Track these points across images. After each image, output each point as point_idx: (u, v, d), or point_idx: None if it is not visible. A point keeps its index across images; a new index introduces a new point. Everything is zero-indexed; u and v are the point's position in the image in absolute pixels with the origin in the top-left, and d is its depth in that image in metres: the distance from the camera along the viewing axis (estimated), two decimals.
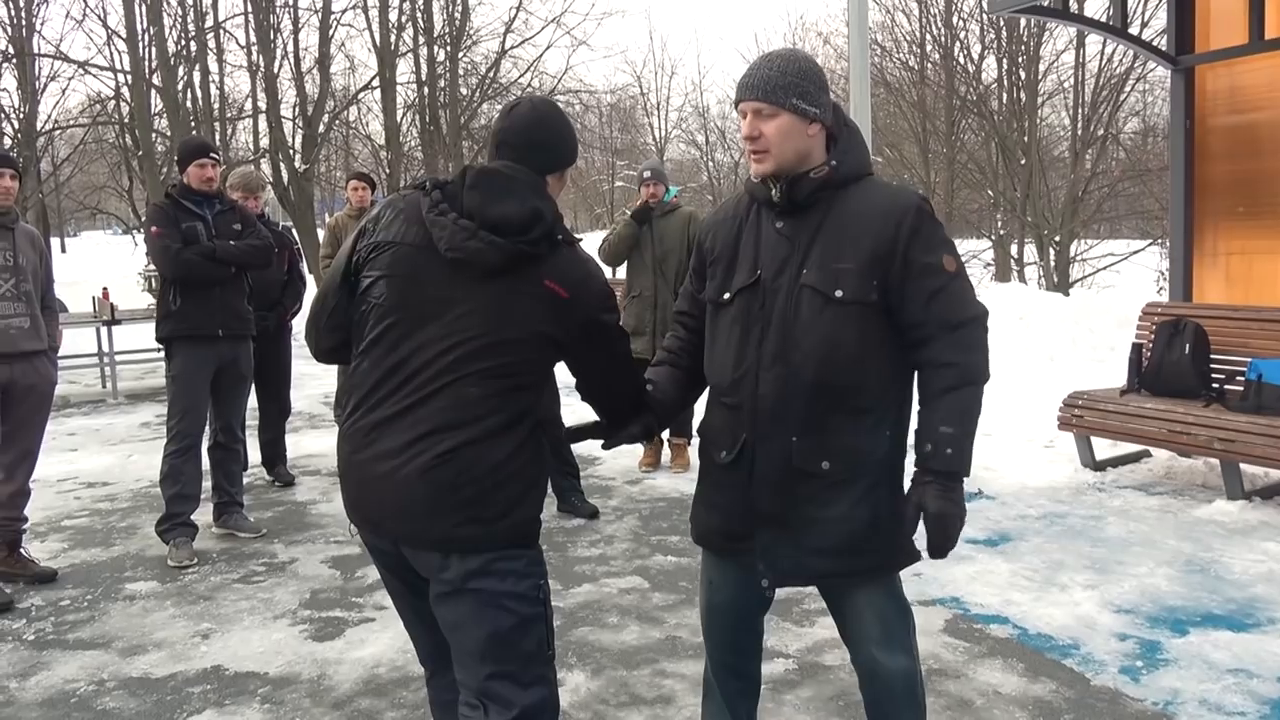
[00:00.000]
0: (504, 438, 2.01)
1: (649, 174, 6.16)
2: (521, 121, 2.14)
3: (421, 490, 1.97)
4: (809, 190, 2.15)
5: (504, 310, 2.01)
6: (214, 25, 20.44)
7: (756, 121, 2.14)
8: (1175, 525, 4.79)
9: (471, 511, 1.98)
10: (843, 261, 2.10)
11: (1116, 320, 9.84)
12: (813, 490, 2.14)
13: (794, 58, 2.19)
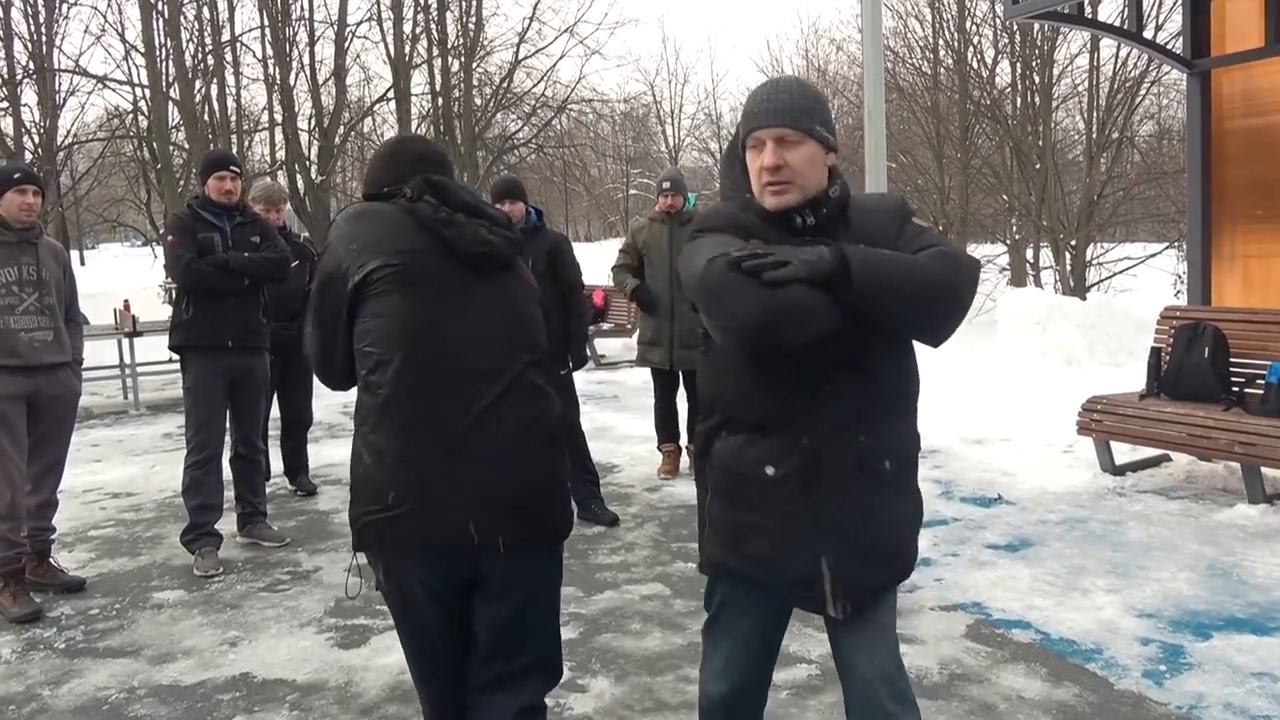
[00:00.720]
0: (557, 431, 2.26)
1: (668, 184, 6.18)
2: (428, 144, 2.47)
3: (544, 481, 2.22)
4: (832, 209, 2.04)
5: (515, 299, 2.27)
6: (231, 39, 20.62)
7: (781, 150, 1.98)
8: (1196, 529, 4.78)
9: (556, 507, 2.29)
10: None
11: (1134, 324, 9.80)
12: (875, 491, 2.02)
13: (808, 84, 2.12)
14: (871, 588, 2.05)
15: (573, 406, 5.37)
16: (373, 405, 2.13)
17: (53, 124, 19.67)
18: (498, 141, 22.61)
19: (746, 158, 2.07)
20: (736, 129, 2.20)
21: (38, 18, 19.97)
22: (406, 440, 2.10)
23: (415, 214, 2.18)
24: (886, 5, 16.01)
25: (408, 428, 2.09)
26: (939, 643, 3.59)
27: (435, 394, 2.09)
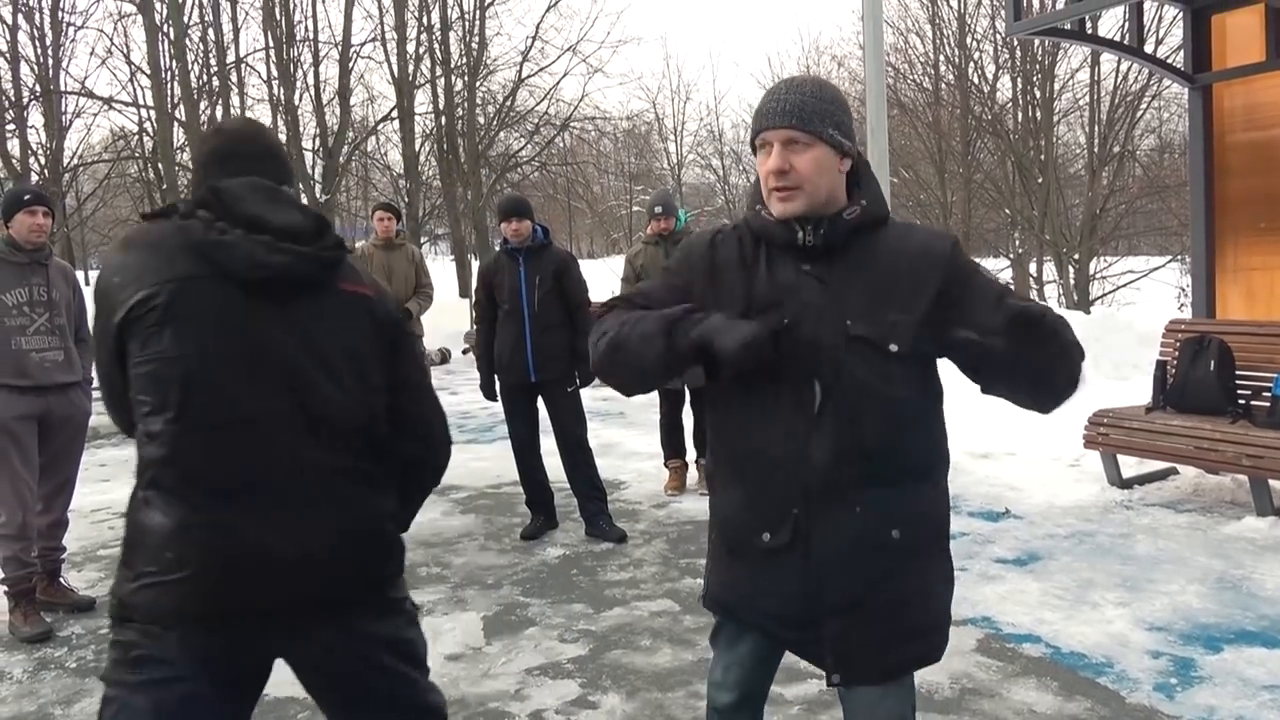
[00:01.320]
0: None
1: (659, 209, 6.23)
2: (247, 132, 2.04)
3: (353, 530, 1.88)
4: (843, 234, 1.87)
5: (326, 325, 1.87)
6: (236, 60, 20.78)
7: (787, 153, 1.84)
8: (1205, 542, 4.78)
9: (383, 545, 1.99)
10: (892, 313, 1.83)
11: (1138, 337, 9.81)
12: (886, 565, 1.86)
13: (825, 84, 1.94)
14: (886, 669, 1.91)
15: (580, 423, 5.39)
16: (148, 458, 1.80)
17: (59, 145, 19.79)
18: (501, 159, 22.72)
19: (757, 160, 1.92)
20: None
21: (44, 40, 20.15)
22: (185, 497, 1.76)
23: (187, 233, 1.81)
24: (887, 22, 16.11)
25: (187, 482, 1.76)
26: (949, 657, 3.58)
27: (215, 444, 1.76)
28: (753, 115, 1.95)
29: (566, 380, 5.30)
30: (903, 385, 1.86)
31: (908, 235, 1.93)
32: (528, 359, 5.22)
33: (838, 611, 1.87)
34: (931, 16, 18.23)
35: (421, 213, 22.41)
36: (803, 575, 1.87)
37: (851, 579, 1.86)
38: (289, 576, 1.78)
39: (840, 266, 1.87)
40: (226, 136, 2.00)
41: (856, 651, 1.88)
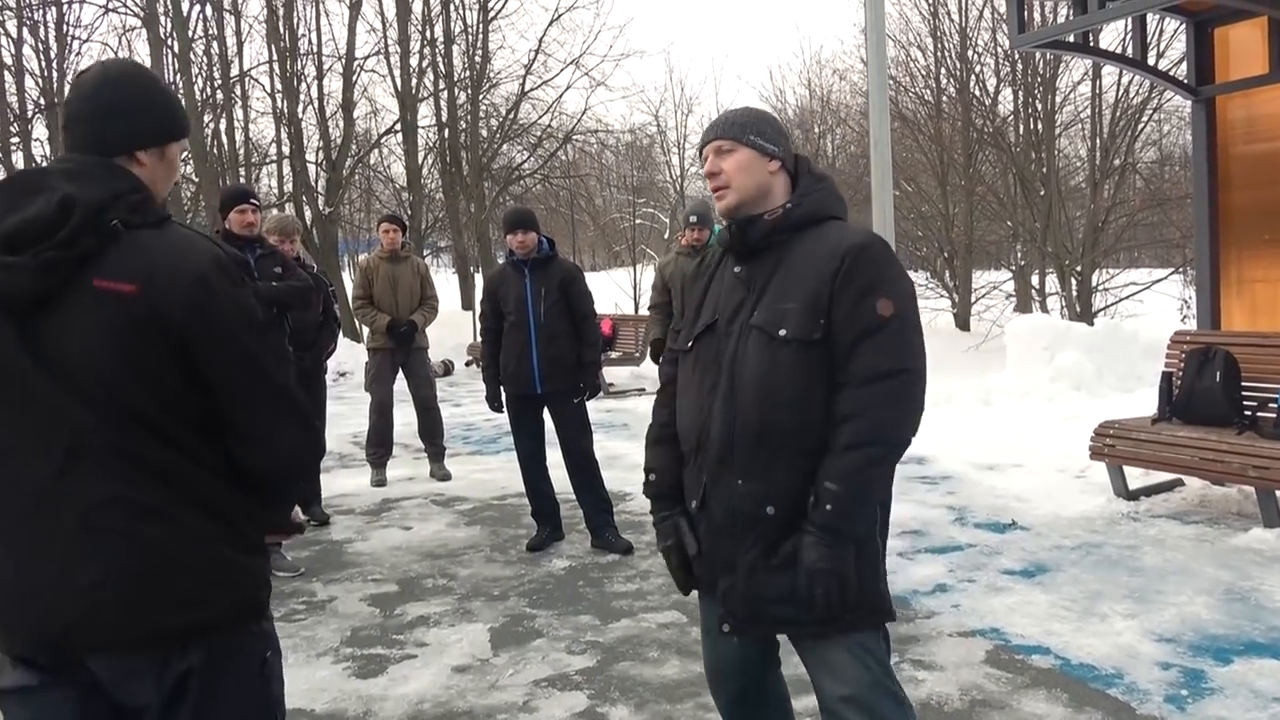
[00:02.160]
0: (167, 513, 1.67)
1: (695, 219, 6.20)
2: (88, 87, 1.73)
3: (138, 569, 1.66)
4: (762, 232, 2.14)
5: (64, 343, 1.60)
6: (240, 74, 20.84)
7: (717, 159, 2.18)
8: (1212, 554, 4.77)
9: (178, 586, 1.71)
10: (789, 301, 2.07)
11: (1142, 349, 9.82)
12: (759, 536, 2.08)
13: (753, 108, 2.29)
14: (768, 622, 2.14)
15: (586, 434, 5.39)
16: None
17: None
18: (504, 172, 22.75)
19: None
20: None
21: (49, 53, 20.23)
22: None
23: None
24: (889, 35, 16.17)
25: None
26: (958, 669, 3.58)
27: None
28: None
29: (572, 392, 5.31)
30: (789, 369, 2.05)
31: (832, 234, 2.13)
32: (533, 370, 5.23)
33: (724, 571, 2.15)
34: (933, 30, 18.29)
35: (424, 225, 22.44)
36: (706, 538, 2.19)
37: (734, 543, 2.12)
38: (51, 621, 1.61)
39: (762, 265, 2.16)
40: (75, 90, 1.73)
41: (738, 607, 2.14)
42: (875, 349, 2.01)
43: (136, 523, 1.63)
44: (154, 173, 1.74)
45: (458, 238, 22.80)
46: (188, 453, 1.66)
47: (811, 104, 24.95)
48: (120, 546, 1.62)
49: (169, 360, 1.63)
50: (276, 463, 1.74)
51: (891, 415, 2.03)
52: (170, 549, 1.65)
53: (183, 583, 1.66)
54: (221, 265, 1.68)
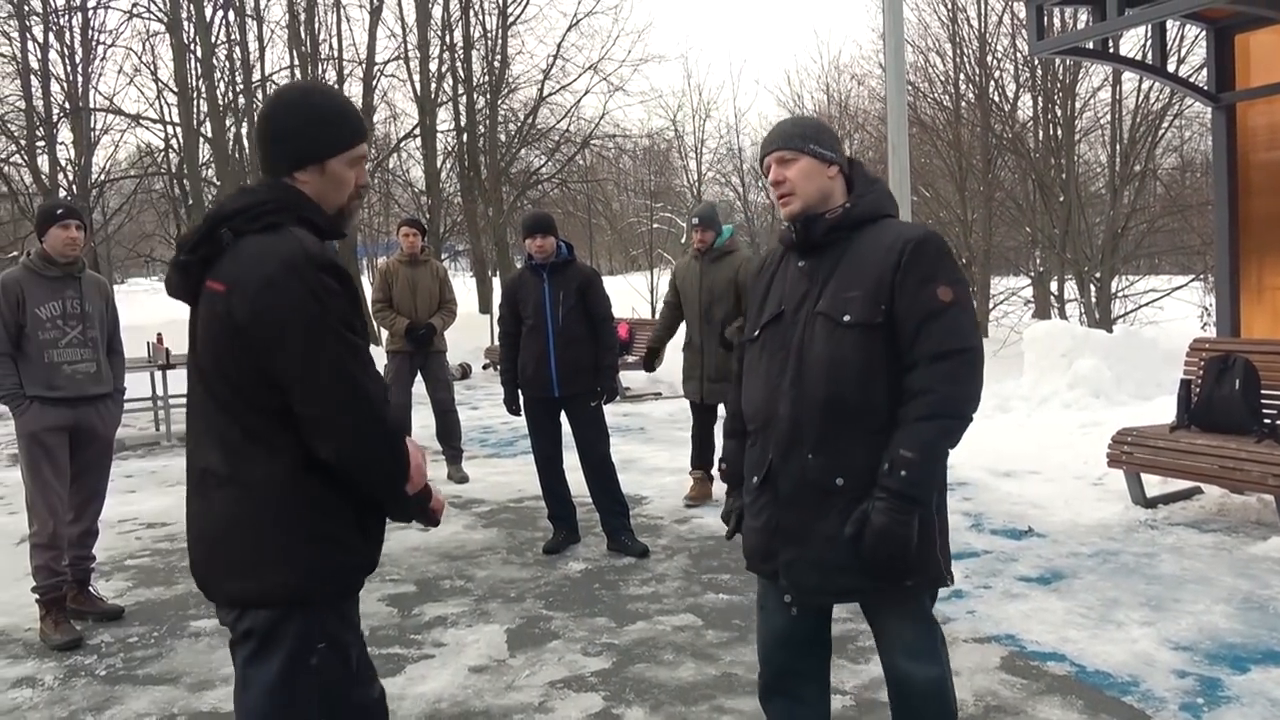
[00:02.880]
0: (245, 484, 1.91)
1: (695, 220, 6.26)
2: (261, 116, 2.02)
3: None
4: (823, 229, 2.36)
5: (201, 337, 1.91)
6: (262, 78, 21.01)
7: (781, 169, 2.38)
8: (1230, 562, 4.75)
9: (236, 566, 1.98)
10: (851, 290, 2.29)
11: (1162, 356, 9.75)
12: (829, 507, 2.27)
13: (807, 117, 2.57)
14: (834, 591, 2.35)
15: (603, 438, 5.42)
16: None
17: (87, 161, 20.05)
18: (522, 176, 22.84)
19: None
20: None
21: (74, 58, 20.45)
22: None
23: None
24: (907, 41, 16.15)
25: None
26: (974, 675, 3.59)
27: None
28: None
29: (589, 395, 5.34)
30: (853, 351, 2.26)
31: (891, 229, 2.36)
32: (551, 373, 5.26)
33: (789, 543, 2.32)
34: (952, 35, 18.24)
35: (442, 229, 22.54)
36: (769, 511, 2.36)
37: (802, 515, 2.30)
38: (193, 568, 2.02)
39: (825, 259, 2.37)
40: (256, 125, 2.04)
41: (804, 577, 2.32)
42: (940, 331, 2.22)
43: (215, 493, 1.91)
44: (317, 186, 1.97)
45: (476, 242, 22.89)
46: (258, 439, 1.86)
47: (830, 109, 24.90)
48: (204, 512, 1.94)
49: (243, 354, 1.84)
50: (343, 454, 1.87)
51: (959, 390, 2.23)
52: (232, 523, 1.90)
53: (237, 555, 1.90)
54: (293, 268, 1.82)
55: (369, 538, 2.01)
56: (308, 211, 1.94)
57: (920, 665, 2.37)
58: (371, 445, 1.88)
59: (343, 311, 1.86)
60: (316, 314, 1.82)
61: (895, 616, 2.38)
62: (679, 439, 7.89)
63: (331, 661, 1.93)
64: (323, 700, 1.93)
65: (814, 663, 2.53)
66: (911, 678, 2.39)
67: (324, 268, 1.86)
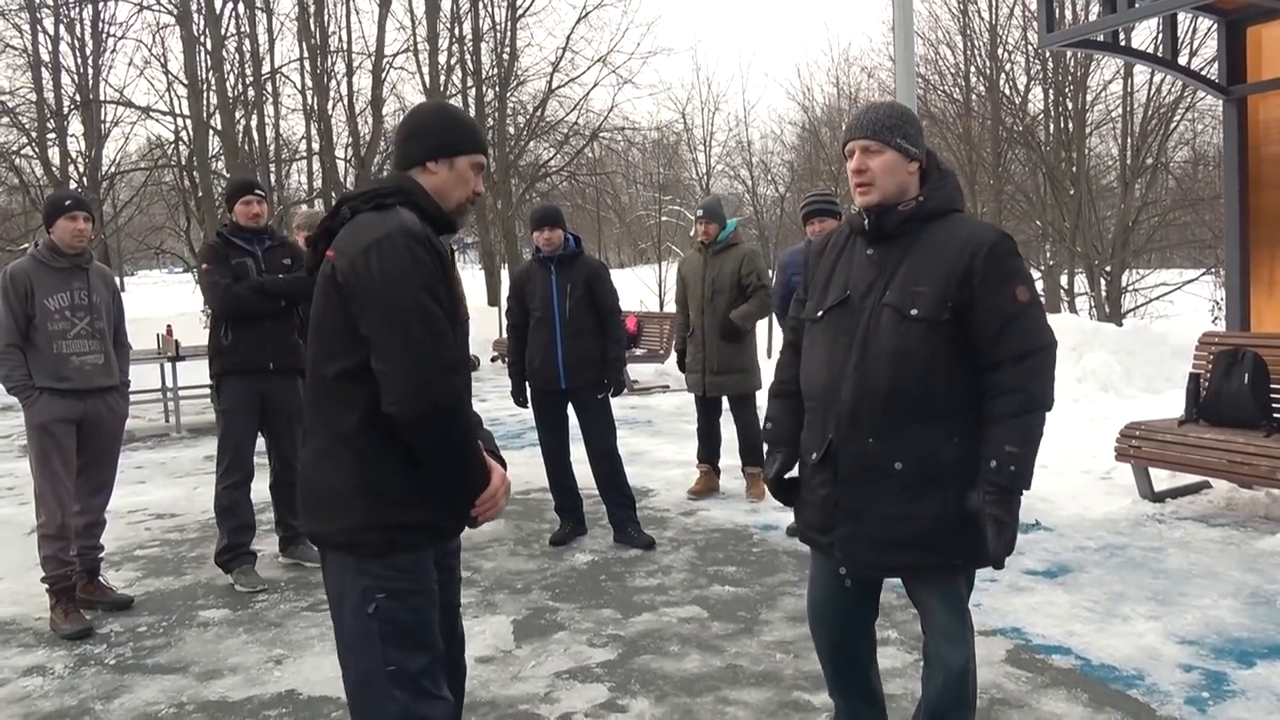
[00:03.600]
0: (327, 433, 2.12)
1: (700, 213, 6.26)
2: (402, 123, 2.31)
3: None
4: (896, 221, 2.41)
5: (313, 303, 2.15)
6: (271, 71, 21.05)
7: (864, 157, 2.41)
8: (1238, 557, 4.74)
9: (310, 510, 2.18)
10: (920, 285, 2.35)
11: (1171, 350, 9.72)
12: (887, 489, 2.38)
13: (897, 105, 2.51)
14: (886, 566, 2.46)
15: (610, 430, 5.42)
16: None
17: (97, 154, 20.14)
18: (531, 169, 22.86)
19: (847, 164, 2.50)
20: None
21: (84, 50, 20.52)
22: None
23: None
24: (918, 33, 16.08)
25: None
26: (979, 668, 3.57)
27: None
28: (844, 129, 2.55)
29: (596, 387, 5.35)
30: (918, 344, 2.33)
31: (962, 226, 2.41)
32: (558, 366, 5.27)
33: (846, 519, 2.43)
34: (963, 28, 18.19)
35: None
36: (829, 489, 2.45)
37: (857, 495, 2.40)
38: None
39: (894, 249, 2.42)
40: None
41: (859, 550, 2.44)
42: (1021, 331, 2.32)
43: (307, 441, 2.17)
44: (444, 178, 2.21)
45: (484, 234, 22.92)
46: (335, 392, 2.06)
47: (839, 102, 24.84)
48: (302, 454, 2.20)
49: (337, 310, 2.05)
50: (401, 412, 2.00)
51: (1044, 385, 2.34)
52: (310, 470, 2.13)
53: (312, 499, 2.13)
54: (389, 238, 2.02)
55: (427, 498, 2.09)
56: (420, 199, 2.16)
57: (955, 649, 2.49)
58: (429, 409, 2.00)
59: (428, 280, 2.03)
60: (403, 276, 2.00)
61: (936, 597, 2.49)
62: (686, 432, 7.89)
63: (392, 609, 2.06)
64: (389, 643, 2.06)
65: (863, 627, 2.68)
66: (943, 659, 2.50)
67: (419, 240, 2.05)
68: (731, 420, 6.23)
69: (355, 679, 2.11)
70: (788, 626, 4.05)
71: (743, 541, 5.34)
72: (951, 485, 2.36)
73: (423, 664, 2.11)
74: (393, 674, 2.06)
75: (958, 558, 2.41)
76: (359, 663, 2.10)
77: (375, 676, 2.07)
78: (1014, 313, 2.32)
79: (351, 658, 2.11)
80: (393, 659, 2.06)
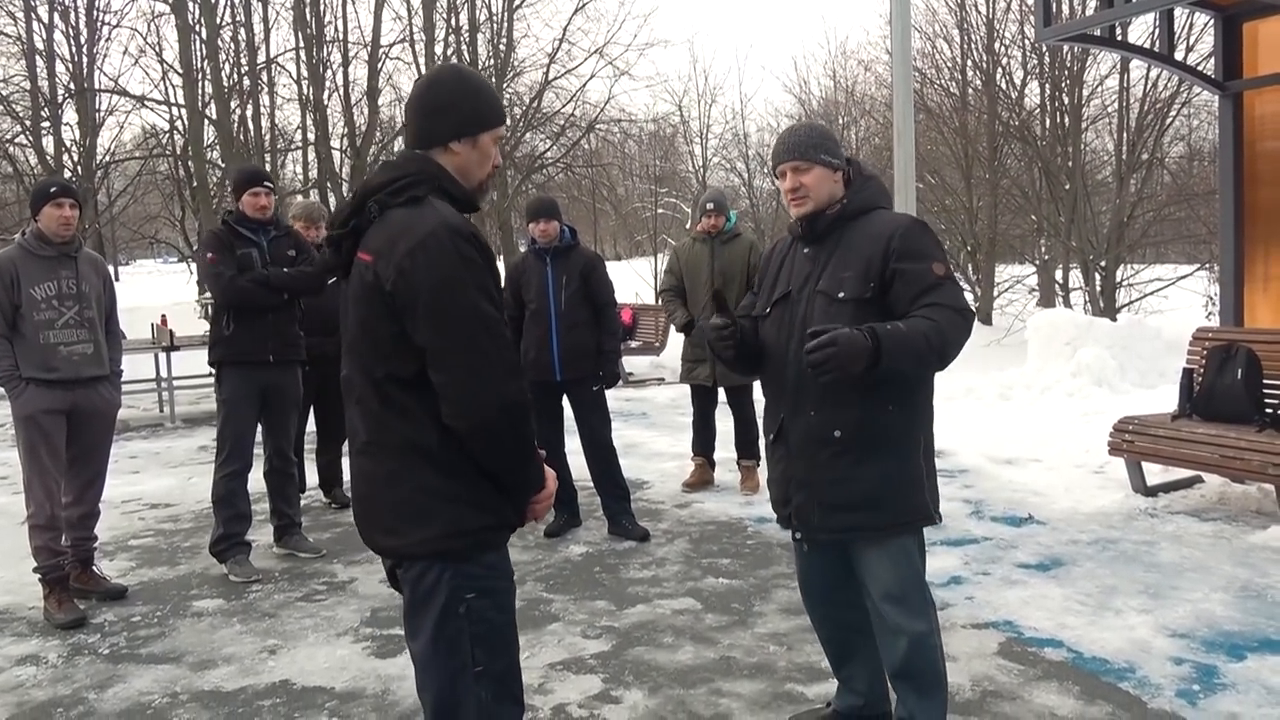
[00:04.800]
0: (390, 444, 2.03)
1: (711, 205, 6.24)
2: (419, 88, 2.11)
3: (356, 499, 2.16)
4: (826, 224, 2.75)
5: (350, 301, 2.05)
6: (267, 60, 20.96)
7: (797, 176, 2.74)
8: (1230, 551, 4.76)
9: (381, 523, 2.08)
10: (847, 271, 2.66)
11: (1165, 345, 9.75)
12: (829, 455, 2.65)
13: (816, 125, 2.89)
14: (834, 528, 2.70)
15: (605, 422, 5.43)
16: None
17: (92, 143, 20.03)
18: (527, 161, 22.79)
19: (778, 183, 2.83)
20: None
21: (79, 39, 20.41)
22: None
23: None
24: (915, 27, 16.05)
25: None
26: (971, 660, 3.61)
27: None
28: (771, 155, 2.99)
29: (591, 380, 5.35)
30: (849, 322, 2.52)
31: (881, 218, 2.72)
32: (553, 358, 5.27)
33: (798, 488, 2.73)
34: (959, 22, 18.14)
35: None
36: (785, 463, 2.77)
37: (806, 465, 2.70)
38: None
39: (825, 247, 2.75)
40: (408, 98, 2.12)
41: (809, 517, 2.73)
42: (940, 295, 2.55)
43: (362, 456, 2.07)
44: (466, 159, 2.07)
45: (480, 225, 22.86)
46: (396, 405, 1.97)
47: (836, 95, 24.83)
48: (358, 472, 2.09)
49: (386, 320, 1.94)
50: (464, 421, 1.95)
51: (950, 335, 2.52)
52: (379, 484, 2.04)
53: (385, 513, 2.05)
54: (436, 237, 1.91)
55: (502, 497, 2.07)
56: (446, 184, 2.04)
57: (904, 615, 2.66)
58: (492, 416, 1.95)
59: (481, 280, 1.94)
60: (455, 281, 1.91)
61: (888, 566, 2.68)
62: (681, 424, 7.89)
63: (482, 609, 2.04)
64: (478, 645, 2.04)
65: (851, 597, 2.83)
66: (897, 627, 2.66)
67: (466, 237, 1.95)
68: (728, 412, 6.24)
69: (439, 682, 2.06)
70: (781, 618, 4.06)
71: (737, 534, 5.35)
72: (891, 448, 2.64)
73: (505, 665, 2.10)
74: (479, 675, 2.04)
75: (904, 516, 2.66)
76: (445, 665, 2.05)
77: (462, 678, 2.04)
78: (932, 283, 2.56)
79: (437, 661, 2.05)
80: (480, 660, 2.04)
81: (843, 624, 2.92)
